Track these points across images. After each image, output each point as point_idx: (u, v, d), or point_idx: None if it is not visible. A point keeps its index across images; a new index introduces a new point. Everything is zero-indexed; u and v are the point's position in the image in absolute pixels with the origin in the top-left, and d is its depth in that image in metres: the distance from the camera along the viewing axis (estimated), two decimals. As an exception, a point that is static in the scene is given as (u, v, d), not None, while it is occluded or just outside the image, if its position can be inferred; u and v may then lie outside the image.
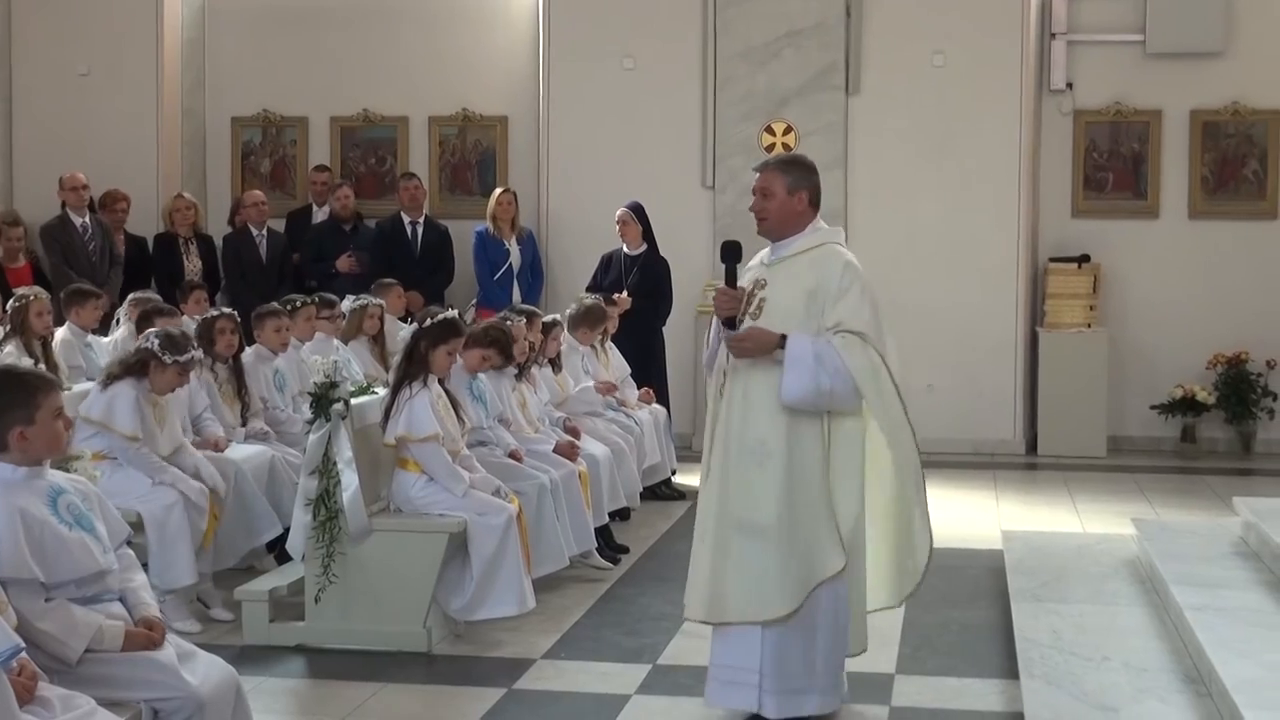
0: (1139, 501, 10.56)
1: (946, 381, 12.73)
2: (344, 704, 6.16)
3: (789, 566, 5.59)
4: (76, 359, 9.49)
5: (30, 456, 4.47)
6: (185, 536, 7.24)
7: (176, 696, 4.35)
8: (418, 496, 7.12)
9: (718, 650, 5.80)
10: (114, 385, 7.29)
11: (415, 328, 7.40)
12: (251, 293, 11.68)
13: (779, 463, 5.63)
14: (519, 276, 12.45)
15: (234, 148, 14.02)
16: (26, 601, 4.27)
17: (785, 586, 5.60)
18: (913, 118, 12.77)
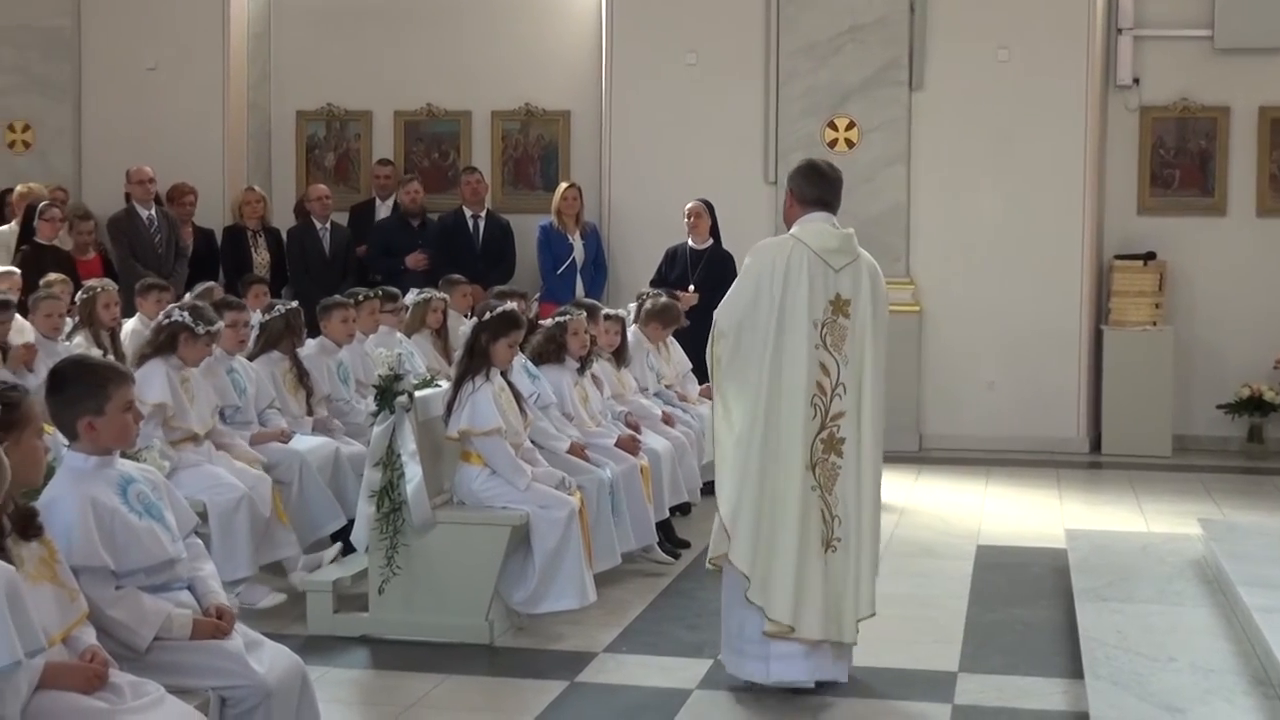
0: (1205, 501, 10.46)
1: (1009, 379, 12.67)
2: (407, 694, 6.19)
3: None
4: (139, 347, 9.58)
5: (99, 447, 4.51)
6: (247, 529, 7.30)
7: (244, 685, 4.39)
8: (480, 489, 7.14)
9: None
10: (144, 364, 7.38)
11: (475, 321, 7.41)
12: (315, 286, 11.75)
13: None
14: (582, 271, 12.47)
15: (298, 142, 14.11)
16: (97, 589, 4.31)
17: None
18: (976, 113, 12.70)
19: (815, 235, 6.23)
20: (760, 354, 6.09)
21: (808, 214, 6.33)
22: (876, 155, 12.75)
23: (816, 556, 6.08)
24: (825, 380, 6.13)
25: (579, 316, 8.78)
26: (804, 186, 6.37)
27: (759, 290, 6.13)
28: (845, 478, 6.14)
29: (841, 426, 6.15)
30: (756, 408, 6.09)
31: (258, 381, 8.35)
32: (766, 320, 6.10)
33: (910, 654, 6.82)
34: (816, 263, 6.16)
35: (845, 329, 6.18)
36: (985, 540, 9.21)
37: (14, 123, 13.81)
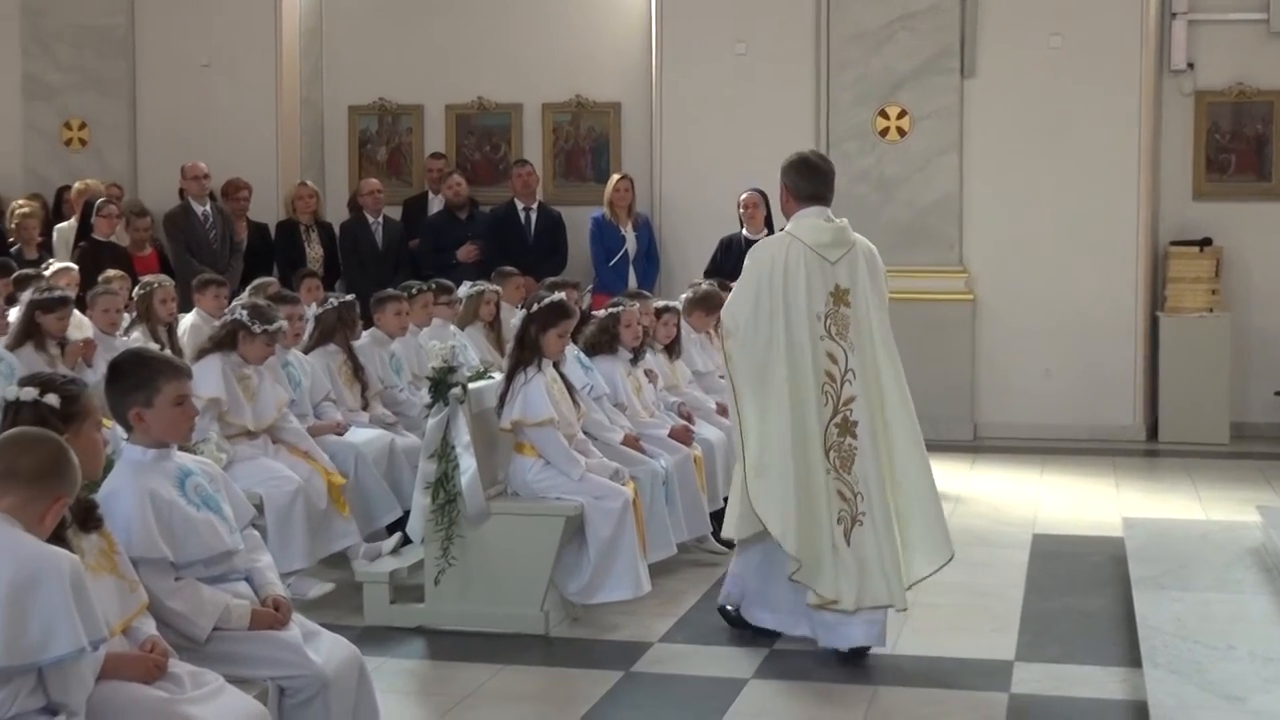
0: (1263, 489, 10.35)
1: (1064, 367, 12.59)
2: (464, 685, 6.21)
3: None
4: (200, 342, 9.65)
5: (152, 439, 4.55)
6: (303, 521, 7.34)
7: (302, 675, 4.41)
8: (534, 480, 7.15)
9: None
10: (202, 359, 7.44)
11: (525, 313, 7.41)
12: (367, 280, 11.80)
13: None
14: (634, 262, 12.48)
15: (351, 136, 14.17)
16: (156, 580, 4.35)
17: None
18: (1029, 100, 12.60)
19: (809, 231, 6.55)
20: (767, 349, 6.45)
21: (802, 209, 6.63)
22: (929, 144, 12.68)
23: (841, 534, 6.40)
24: (834, 368, 6.47)
25: (632, 307, 8.78)
26: (799, 182, 6.66)
27: (759, 289, 6.49)
28: (862, 457, 6.45)
29: (854, 410, 6.47)
30: (769, 400, 6.43)
31: (313, 375, 8.40)
32: (769, 317, 6.45)
33: (966, 642, 6.80)
34: (813, 257, 6.49)
35: (848, 317, 6.52)
36: (1041, 529, 9.15)
37: (70, 120, 13.93)
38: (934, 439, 12.06)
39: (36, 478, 3.69)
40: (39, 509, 3.68)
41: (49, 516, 3.71)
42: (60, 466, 3.73)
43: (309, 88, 14.08)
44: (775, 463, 6.40)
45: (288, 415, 7.80)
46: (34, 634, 3.51)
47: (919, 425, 6.75)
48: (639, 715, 5.92)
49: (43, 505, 3.69)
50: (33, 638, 3.50)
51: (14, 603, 3.48)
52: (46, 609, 3.51)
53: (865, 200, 12.72)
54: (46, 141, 13.99)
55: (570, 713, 5.86)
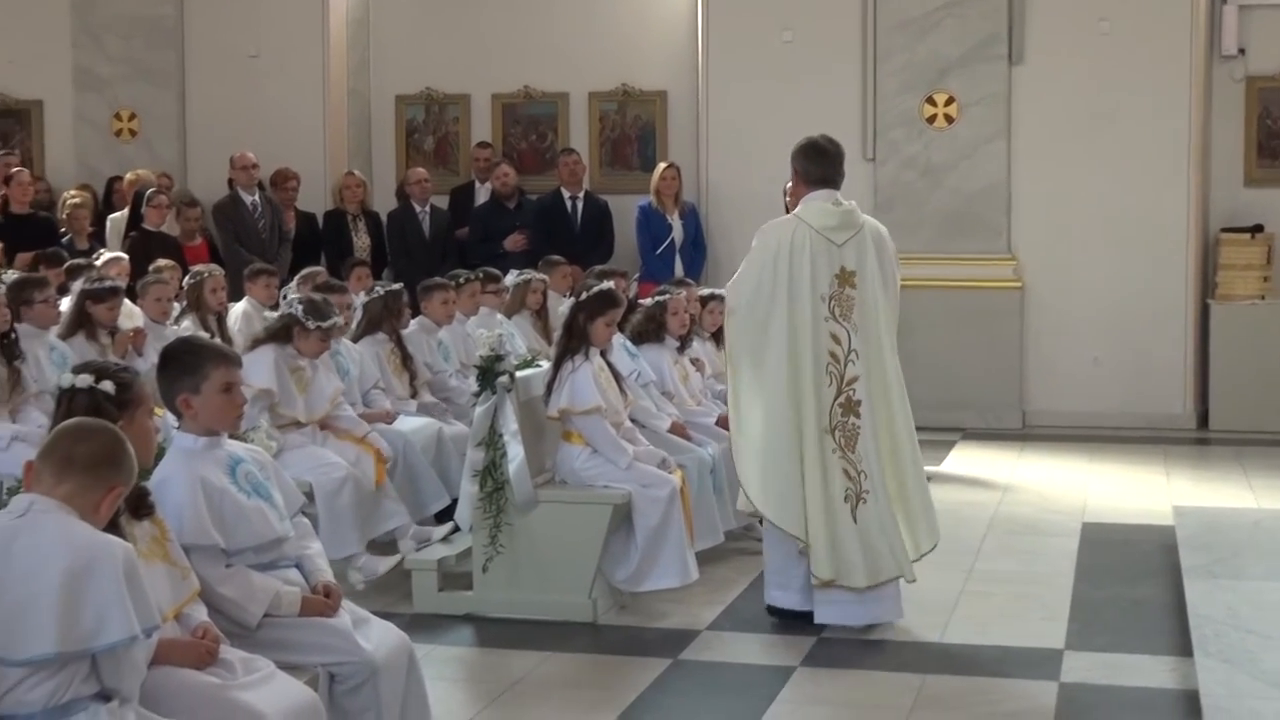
0: (1316, 477, 10.27)
1: (1114, 355, 12.49)
2: (512, 672, 6.23)
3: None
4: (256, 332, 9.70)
5: (200, 426, 4.57)
6: (353, 507, 7.38)
7: (352, 661, 4.43)
8: (582, 468, 7.16)
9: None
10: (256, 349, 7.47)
11: (573, 301, 7.41)
12: (415, 268, 11.84)
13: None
14: (681, 251, 12.46)
15: (398, 126, 14.20)
16: (208, 567, 4.37)
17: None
18: (1078, 86, 12.50)
19: (816, 214, 6.70)
20: (765, 329, 6.63)
21: (812, 193, 6.78)
22: (976, 131, 12.60)
23: (846, 512, 6.58)
24: (837, 349, 6.63)
25: (678, 295, 8.78)
26: (808, 167, 6.84)
27: (763, 271, 6.66)
28: (864, 436, 6.64)
29: (857, 390, 6.65)
30: (764, 379, 6.63)
31: (361, 363, 8.44)
32: (771, 298, 6.62)
33: (1016, 631, 6.77)
34: (819, 240, 6.66)
35: (853, 299, 6.67)
36: (1091, 517, 9.09)
37: (120, 111, 14.01)
38: (981, 427, 12.20)
39: (93, 466, 3.71)
40: (95, 497, 3.71)
41: (105, 505, 3.73)
42: (117, 456, 3.75)
43: (356, 78, 14.12)
44: (764, 440, 6.61)
45: (342, 404, 7.83)
46: (87, 621, 3.53)
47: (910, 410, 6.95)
48: (687, 703, 5.92)
49: (98, 494, 3.71)
50: (86, 625, 3.53)
51: (68, 590, 3.51)
52: (100, 596, 3.53)
53: (912, 187, 12.67)
54: (97, 132, 14.08)
55: (618, 700, 5.86)
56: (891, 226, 12.42)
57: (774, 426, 6.62)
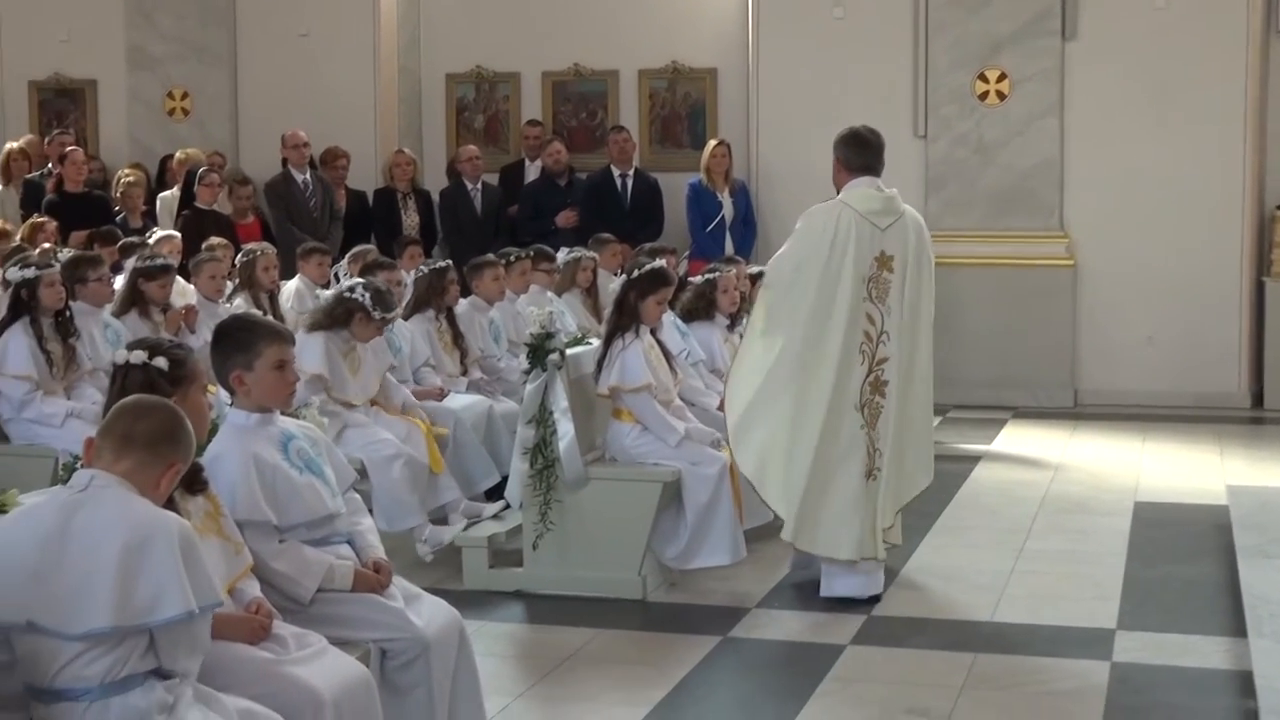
0: (1372, 456, 10.17)
1: (1167, 333, 12.38)
2: (562, 648, 6.25)
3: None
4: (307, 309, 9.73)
5: (253, 402, 4.59)
6: (408, 480, 7.41)
7: (404, 637, 4.45)
8: (632, 446, 7.16)
9: None
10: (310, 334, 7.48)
11: (624, 279, 7.41)
12: (467, 246, 11.87)
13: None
14: (731, 228, 12.44)
15: (448, 104, 14.22)
16: (261, 543, 4.40)
17: None
18: (1132, 62, 12.38)
19: (861, 199, 6.86)
20: (799, 307, 6.78)
21: (854, 179, 6.95)
22: (1029, 107, 12.51)
23: (861, 486, 6.78)
24: (871, 329, 6.80)
25: (728, 273, 8.76)
26: (850, 155, 7.00)
27: (808, 249, 6.82)
28: (886, 415, 6.83)
29: (885, 370, 6.82)
30: (786, 356, 6.77)
31: (412, 340, 8.46)
32: (812, 278, 6.76)
33: (1067, 610, 6.74)
34: (863, 224, 6.80)
35: (889, 282, 6.82)
36: (1143, 496, 9.03)
37: (173, 90, 14.09)
38: (1033, 405, 12.14)
39: (152, 443, 3.72)
40: (154, 474, 3.72)
41: (164, 482, 3.75)
42: (176, 433, 3.77)
43: (407, 56, 14.14)
44: (772, 416, 6.77)
45: (387, 378, 7.87)
46: (143, 596, 3.54)
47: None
48: (736, 680, 5.93)
49: (158, 471, 3.73)
50: (142, 599, 3.54)
51: (125, 565, 3.53)
52: (156, 571, 3.54)
53: (964, 165, 12.59)
54: (150, 111, 14.17)
55: (668, 677, 5.87)
56: (943, 204, 12.60)
57: (786, 398, 6.76)
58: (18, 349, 7.52)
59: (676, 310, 8.33)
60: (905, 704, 5.57)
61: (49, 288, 7.64)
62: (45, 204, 12.14)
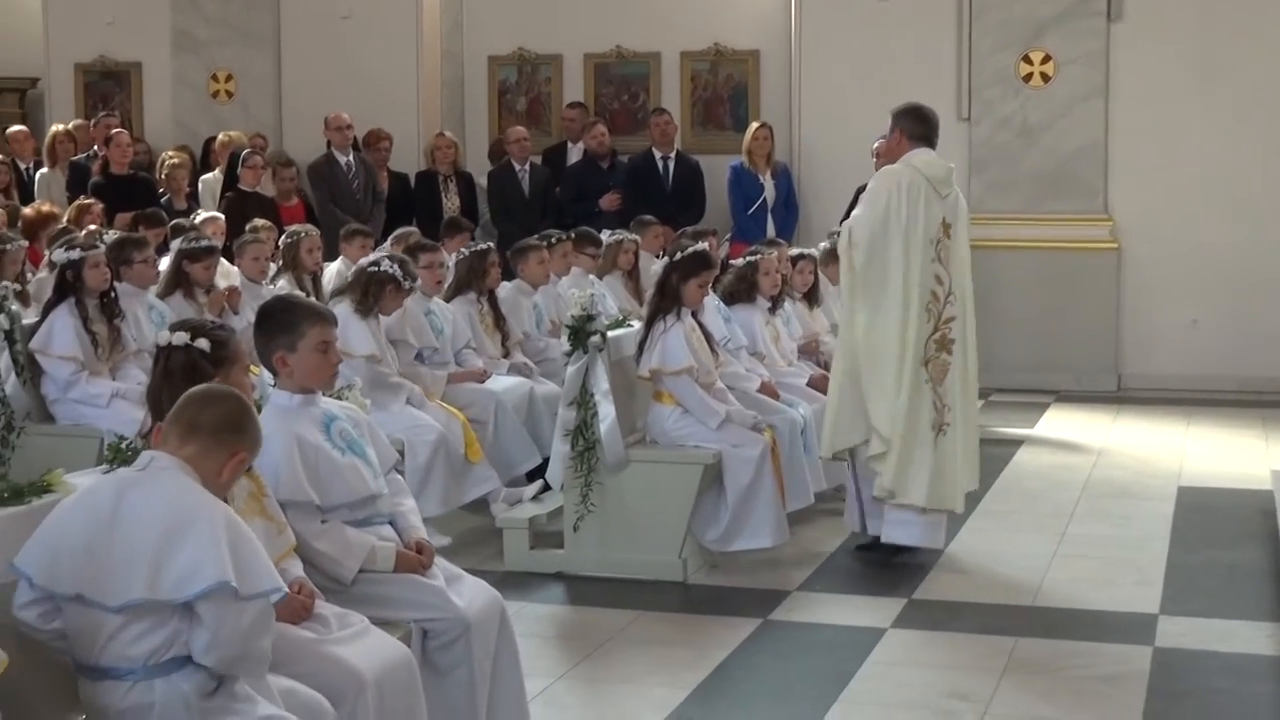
0: None
1: (1212, 317, 12.28)
2: (603, 630, 6.26)
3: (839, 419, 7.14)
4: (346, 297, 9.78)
5: (296, 383, 4.61)
6: (443, 468, 7.43)
7: (445, 618, 4.47)
8: (673, 429, 7.17)
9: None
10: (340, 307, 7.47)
11: (666, 262, 7.40)
12: (515, 226, 11.88)
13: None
14: (773, 211, 12.39)
15: (491, 86, 14.22)
16: (304, 523, 4.42)
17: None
18: (1179, 43, 12.27)
19: (927, 165, 7.14)
20: (884, 264, 6.97)
21: (916, 149, 7.18)
22: (1073, 90, 12.42)
23: (929, 439, 6.99)
24: (939, 289, 7.05)
25: (770, 255, 8.74)
26: (912, 125, 7.24)
27: (889, 209, 7.00)
28: (953, 372, 7.07)
29: (952, 330, 7.09)
30: (883, 308, 6.98)
31: (454, 322, 8.48)
32: (889, 235, 6.98)
33: (1109, 595, 6.71)
34: (929, 188, 7.06)
35: (949, 247, 7.11)
36: (1187, 481, 8.98)
37: (217, 73, 14.15)
38: (1075, 389, 12.07)
39: (216, 431, 3.73)
40: (217, 462, 3.73)
41: (226, 471, 3.76)
42: (241, 423, 3.78)
43: (449, 39, 14.14)
44: (879, 363, 6.98)
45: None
46: (178, 571, 3.52)
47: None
48: (777, 662, 5.92)
49: (220, 459, 3.73)
50: (176, 574, 3.52)
51: (165, 541, 3.54)
52: (194, 548, 3.53)
53: (1008, 147, 12.52)
54: (194, 94, 14.23)
55: (708, 659, 5.88)
56: (986, 186, 12.54)
57: (884, 350, 6.99)
58: (63, 330, 7.57)
59: (718, 292, 8.31)
60: (946, 688, 5.57)
61: (94, 269, 7.68)
62: (91, 186, 12.21)
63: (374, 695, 3.95)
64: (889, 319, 6.98)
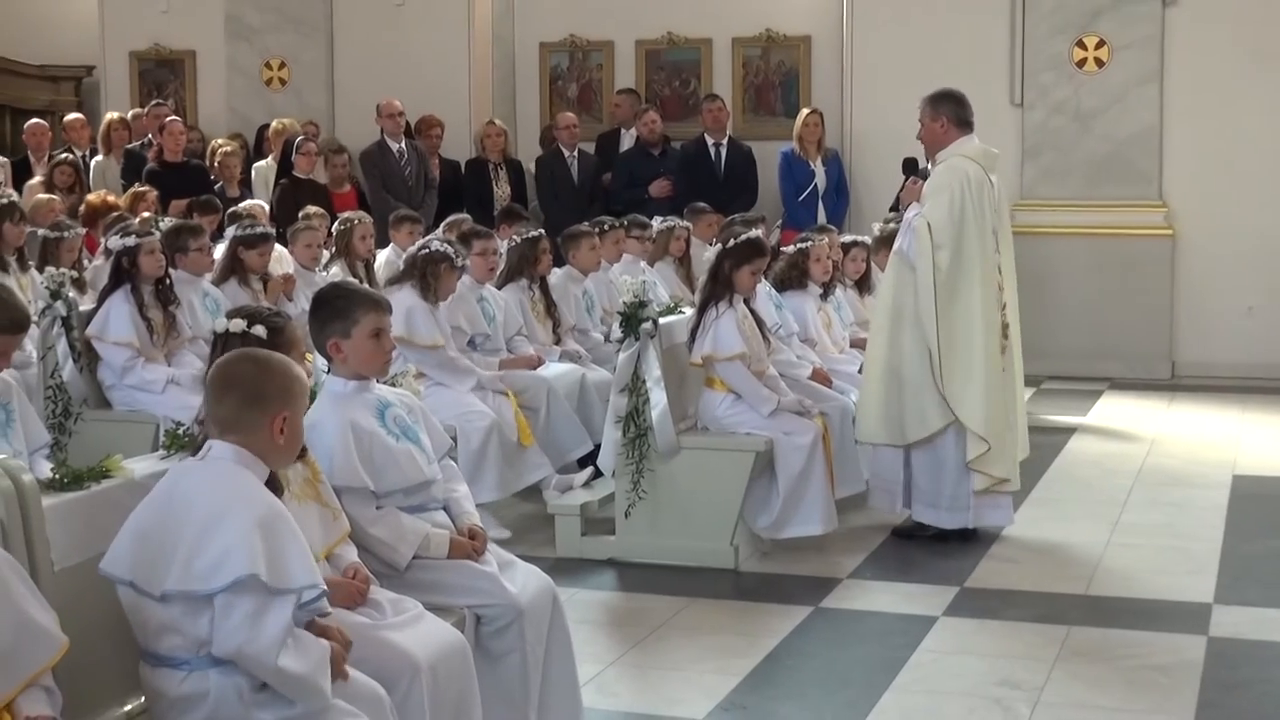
0: None
1: (1270, 304, 12.17)
2: (655, 616, 6.27)
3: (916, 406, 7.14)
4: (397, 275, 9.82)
5: (350, 370, 4.63)
6: (496, 454, 7.45)
7: (498, 604, 4.48)
8: (724, 415, 7.16)
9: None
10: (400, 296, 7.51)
11: (719, 248, 7.39)
12: (563, 213, 11.90)
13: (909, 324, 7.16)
14: (824, 197, 12.37)
15: (542, 73, 14.24)
16: (358, 509, 4.44)
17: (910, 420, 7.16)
18: (1234, 28, 12.16)
19: (981, 154, 7.26)
20: (961, 256, 7.05)
21: (963, 135, 7.27)
22: (1128, 75, 12.33)
23: (1010, 423, 7.21)
24: (999, 277, 7.23)
25: (821, 242, 8.71)
26: (957, 110, 7.28)
27: (964, 204, 7.08)
28: (1010, 355, 7.28)
29: (1006, 314, 7.27)
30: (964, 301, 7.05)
31: (506, 309, 8.50)
32: (970, 230, 7.07)
33: (1163, 585, 6.66)
34: (985, 179, 7.19)
35: (1000, 233, 7.28)
36: (1242, 470, 8.91)
37: (271, 60, 14.23)
38: (1129, 377, 11.99)
39: (243, 412, 3.70)
40: (264, 435, 3.71)
41: (279, 437, 3.72)
42: (262, 391, 3.72)
43: (501, 25, 14.17)
44: (966, 357, 7.04)
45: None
46: (207, 563, 3.51)
47: None
48: (829, 650, 5.92)
49: (264, 431, 3.71)
50: (205, 566, 3.51)
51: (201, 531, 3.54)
52: (223, 541, 3.52)
53: (1062, 133, 12.45)
54: (248, 82, 14.32)
55: (760, 646, 5.88)
56: (1039, 172, 12.48)
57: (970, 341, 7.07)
58: (119, 316, 7.63)
59: (770, 279, 8.29)
60: (998, 676, 5.55)
61: (149, 256, 7.74)
62: (146, 173, 12.31)
63: (428, 680, 3.96)
64: (972, 311, 7.06)
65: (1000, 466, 7.14)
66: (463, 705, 4.12)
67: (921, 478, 7.28)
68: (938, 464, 7.23)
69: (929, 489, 7.27)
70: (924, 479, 7.28)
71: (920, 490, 7.31)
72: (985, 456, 7.06)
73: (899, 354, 7.19)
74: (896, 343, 7.21)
